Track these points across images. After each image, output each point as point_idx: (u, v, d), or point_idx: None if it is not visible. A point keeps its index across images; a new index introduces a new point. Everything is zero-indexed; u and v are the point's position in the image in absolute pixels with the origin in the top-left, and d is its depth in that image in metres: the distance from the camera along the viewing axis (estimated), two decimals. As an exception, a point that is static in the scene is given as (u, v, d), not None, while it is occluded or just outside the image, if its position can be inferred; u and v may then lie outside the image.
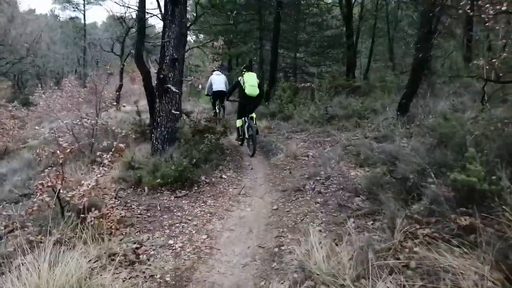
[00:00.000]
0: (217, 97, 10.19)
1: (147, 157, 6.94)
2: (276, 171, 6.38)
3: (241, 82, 7.65)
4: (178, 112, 6.94)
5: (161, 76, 6.81)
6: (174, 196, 5.42)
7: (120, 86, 19.28)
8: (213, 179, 6.05)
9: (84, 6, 40.31)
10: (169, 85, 6.69)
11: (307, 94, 11.79)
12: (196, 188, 5.69)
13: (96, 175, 4.85)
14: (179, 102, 7.14)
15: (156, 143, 6.96)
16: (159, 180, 5.69)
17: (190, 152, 6.49)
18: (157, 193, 5.60)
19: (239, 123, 8.18)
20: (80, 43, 41.11)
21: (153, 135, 7.04)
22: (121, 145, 5.28)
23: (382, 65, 22.21)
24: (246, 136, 7.91)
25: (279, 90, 12.31)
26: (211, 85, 10.18)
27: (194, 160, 6.17)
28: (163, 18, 7.12)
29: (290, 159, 6.78)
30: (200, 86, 25.61)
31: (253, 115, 7.91)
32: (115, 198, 5.51)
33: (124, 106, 15.37)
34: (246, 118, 7.81)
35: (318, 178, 5.44)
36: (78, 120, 8.00)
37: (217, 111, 10.24)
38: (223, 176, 6.22)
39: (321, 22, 16.41)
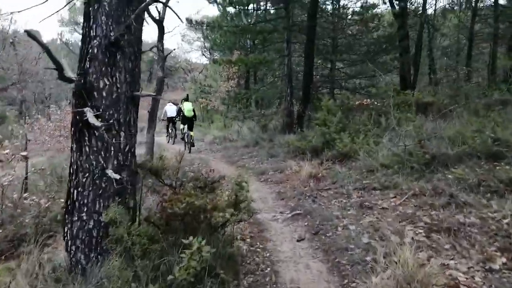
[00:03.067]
0: (170, 121, 13.52)
1: (57, 279, 2.89)
2: None
3: (182, 108, 11.31)
4: (119, 177, 2.81)
5: (77, 88, 2.76)
6: None
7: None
8: None
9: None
10: (87, 112, 2.61)
11: (369, 117, 7.55)
12: None
13: None
14: (129, 149, 3.02)
15: (72, 247, 2.85)
16: None
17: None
18: None
19: (182, 127, 11.63)
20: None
21: (66, 228, 2.93)
22: None
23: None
24: (186, 140, 11.24)
25: (321, 111, 8.13)
26: (166, 113, 13.55)
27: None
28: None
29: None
30: (214, 107, 22.27)
31: (192, 133, 11.08)
32: None
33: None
34: (186, 128, 11.11)
35: None
36: None
37: (170, 131, 13.81)
38: None
39: (368, 20, 12.26)
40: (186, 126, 11.07)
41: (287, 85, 11.26)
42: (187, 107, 10.95)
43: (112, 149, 2.85)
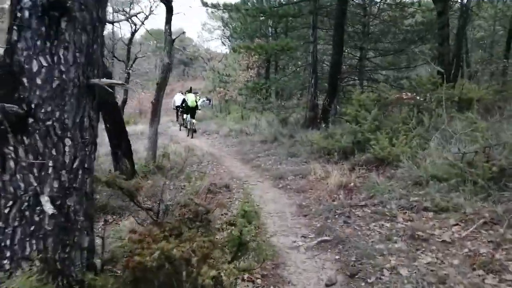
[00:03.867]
0: (179, 108, 14.84)
1: None
2: None
3: (186, 99, 13.06)
4: (53, 211, 1.82)
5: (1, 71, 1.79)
6: None
7: (124, 101, 14.65)
8: None
9: (112, 17, 38.33)
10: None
11: (408, 114, 6.37)
12: None
13: None
14: (81, 164, 2.03)
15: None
16: None
17: None
18: None
19: (186, 116, 13.48)
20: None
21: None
22: None
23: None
24: (188, 127, 13.06)
25: (351, 105, 7.01)
26: (174, 102, 15.35)
27: None
28: None
29: None
30: (232, 97, 21.37)
31: (194, 120, 12.85)
32: None
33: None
34: (189, 116, 12.84)
35: None
36: None
37: (179, 115, 15.21)
38: None
39: (405, 5, 10.88)
40: (189, 114, 12.81)
41: (311, 75, 10.13)
42: (191, 98, 12.78)
43: (51, 164, 1.86)
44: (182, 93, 15.03)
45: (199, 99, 24.04)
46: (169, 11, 6.81)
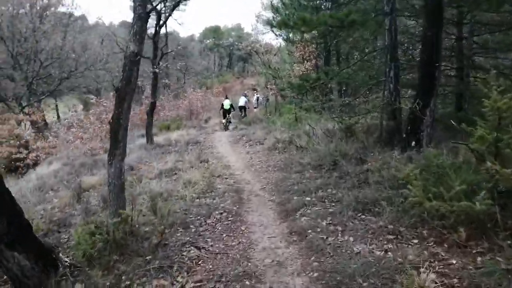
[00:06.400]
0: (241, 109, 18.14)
1: None
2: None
3: (223, 103, 16.52)
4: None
5: None
6: None
7: (153, 105, 12.14)
8: None
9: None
10: None
11: None
12: None
13: None
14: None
15: None
16: None
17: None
18: None
19: (223, 120, 16.28)
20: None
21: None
22: None
23: None
24: (225, 123, 15.98)
25: (481, 119, 3.56)
26: (237, 103, 17.87)
27: None
28: None
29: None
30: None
31: (230, 115, 16.43)
32: None
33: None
34: (227, 118, 16.10)
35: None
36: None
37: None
38: None
39: None
40: (227, 116, 16.14)
41: (388, 63, 6.69)
42: (226, 103, 16.31)
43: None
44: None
45: (256, 97, 21.77)
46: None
